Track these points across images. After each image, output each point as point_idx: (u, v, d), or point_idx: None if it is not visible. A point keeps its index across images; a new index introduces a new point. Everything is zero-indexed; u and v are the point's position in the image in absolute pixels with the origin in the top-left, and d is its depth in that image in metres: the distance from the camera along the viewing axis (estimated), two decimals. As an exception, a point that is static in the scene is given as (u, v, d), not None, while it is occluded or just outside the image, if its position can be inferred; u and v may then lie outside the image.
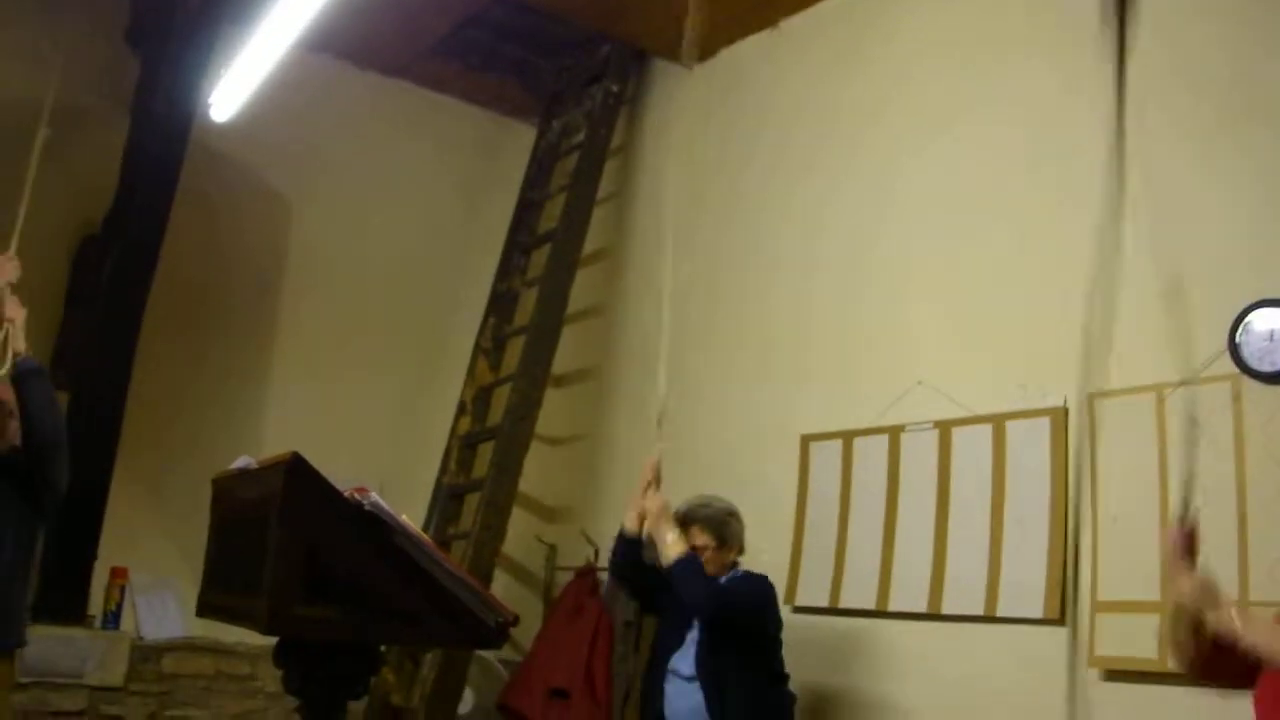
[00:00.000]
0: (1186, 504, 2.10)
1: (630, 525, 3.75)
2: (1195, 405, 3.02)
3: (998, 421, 3.91)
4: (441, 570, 1.98)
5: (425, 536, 2.05)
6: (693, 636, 3.71)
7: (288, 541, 1.90)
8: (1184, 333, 3.35)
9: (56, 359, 5.48)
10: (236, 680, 5.47)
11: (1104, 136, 3.62)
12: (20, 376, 3.49)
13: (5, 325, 3.47)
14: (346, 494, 1.93)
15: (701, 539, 3.74)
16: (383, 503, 1.93)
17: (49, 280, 5.44)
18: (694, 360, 5.18)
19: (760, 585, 3.75)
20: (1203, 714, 3.13)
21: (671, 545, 3.57)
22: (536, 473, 5.56)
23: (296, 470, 1.91)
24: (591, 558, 5.47)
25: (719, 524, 3.78)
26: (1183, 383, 3.29)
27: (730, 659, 3.62)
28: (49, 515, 3.69)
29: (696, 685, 3.64)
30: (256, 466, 2.22)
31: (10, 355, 3.47)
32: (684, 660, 3.71)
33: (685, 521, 3.77)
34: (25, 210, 4.10)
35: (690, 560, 3.57)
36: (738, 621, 3.64)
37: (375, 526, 1.94)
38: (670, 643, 3.81)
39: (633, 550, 3.76)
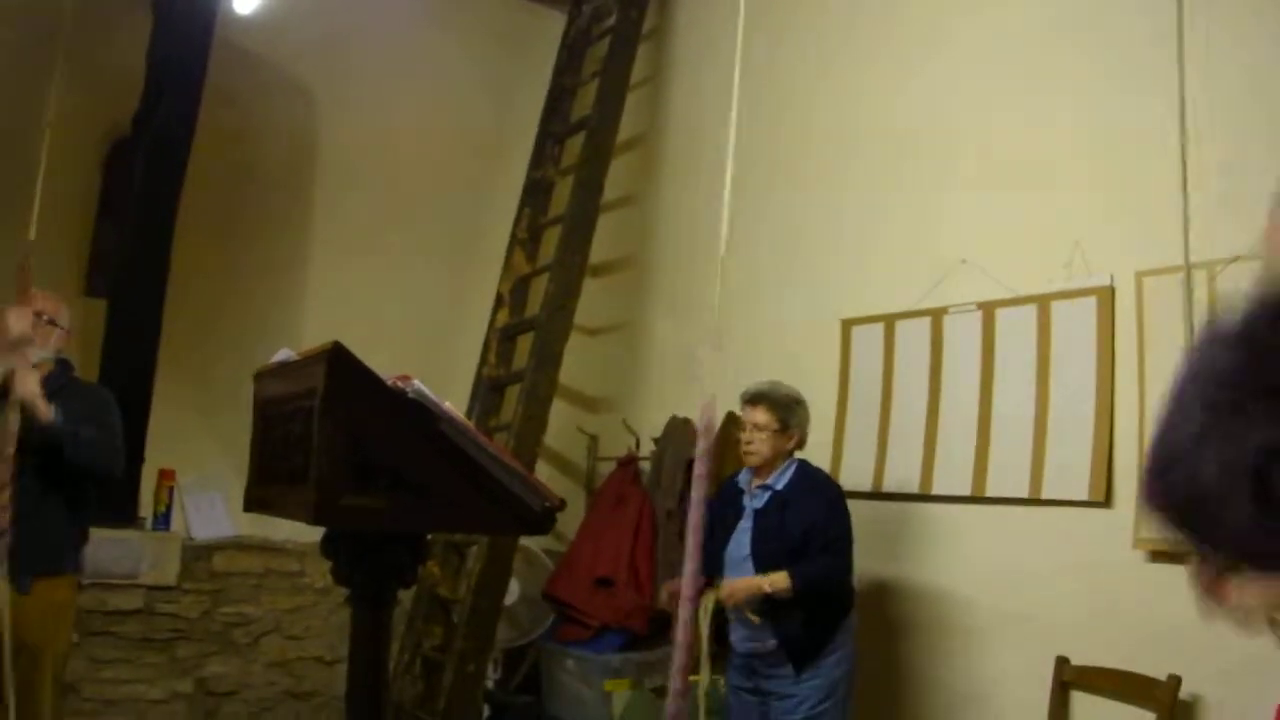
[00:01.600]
0: None
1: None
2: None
3: (1043, 302, 3.84)
4: (487, 456, 1.96)
5: (469, 423, 2.04)
6: (744, 525, 3.72)
7: (332, 432, 1.88)
8: (1239, 207, 3.28)
9: (92, 266, 5.49)
10: (286, 577, 5.56)
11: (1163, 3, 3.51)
12: (53, 439, 3.53)
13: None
14: (389, 382, 1.92)
15: (764, 418, 3.74)
16: (426, 390, 1.91)
17: (81, 185, 5.43)
18: (734, 246, 5.12)
19: (842, 516, 3.73)
20: (1250, 592, 3.11)
21: (776, 586, 3.56)
22: (576, 364, 5.55)
23: (338, 359, 1.89)
24: (633, 447, 5.48)
25: (784, 408, 3.78)
26: (1236, 259, 3.21)
27: (785, 545, 3.64)
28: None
29: (749, 565, 3.67)
30: (297, 359, 2.20)
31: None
32: (737, 544, 3.73)
33: (754, 400, 3.78)
34: (51, 115, 4.03)
35: (796, 579, 3.55)
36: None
37: (419, 414, 1.93)
38: (718, 539, 3.82)
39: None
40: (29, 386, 3.40)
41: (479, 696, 4.65)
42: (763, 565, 3.63)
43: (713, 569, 3.77)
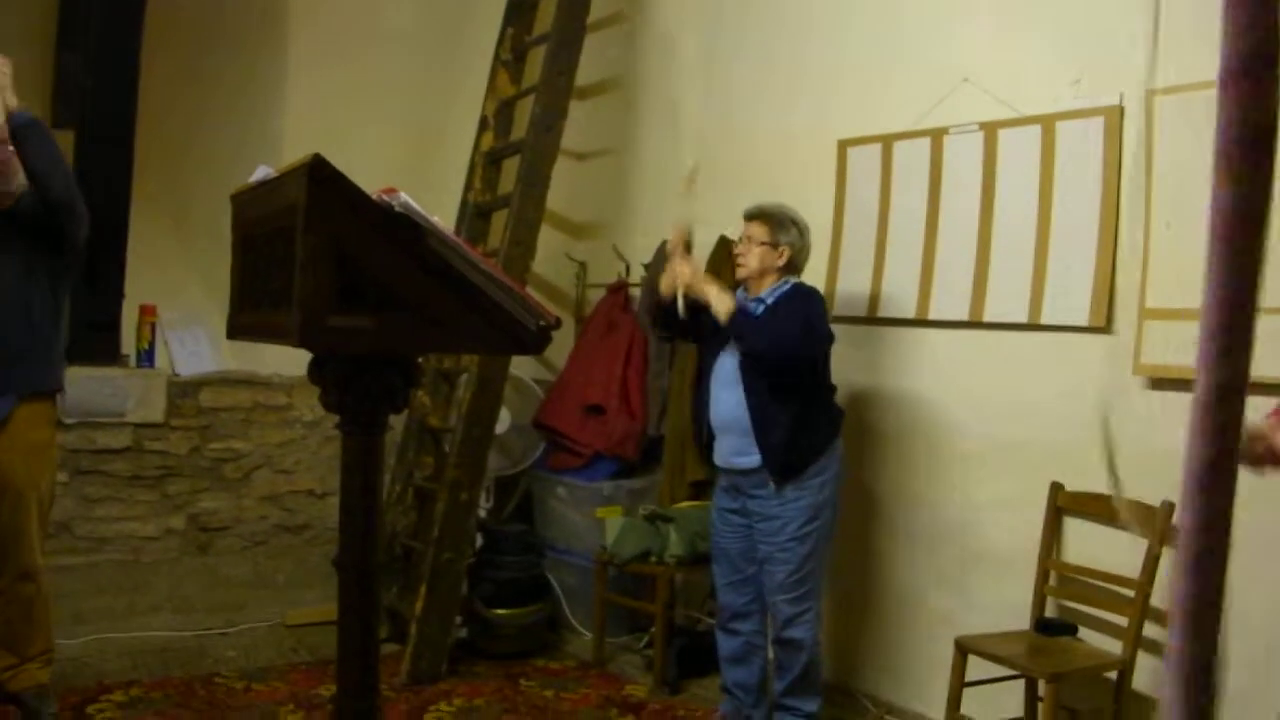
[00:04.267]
0: None
1: (665, 289, 3.72)
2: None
3: (1047, 122, 3.73)
4: (478, 273, 1.87)
5: (460, 239, 1.94)
6: (731, 347, 3.67)
7: (316, 249, 1.78)
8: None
9: (56, 95, 5.24)
10: (274, 411, 5.53)
11: None
12: (16, 133, 3.21)
13: None
14: (374, 196, 1.81)
15: (756, 231, 3.74)
16: (414, 204, 1.80)
17: (36, 8, 5.15)
18: (726, 66, 4.94)
19: (813, 317, 3.67)
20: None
21: (719, 301, 3.58)
22: (564, 189, 5.40)
23: (319, 172, 1.78)
24: (623, 273, 5.42)
25: (777, 224, 3.75)
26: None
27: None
28: (72, 262, 3.61)
29: (737, 386, 3.64)
30: (276, 175, 2.08)
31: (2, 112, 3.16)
32: (725, 365, 3.70)
33: (750, 215, 3.80)
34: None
35: (742, 311, 3.58)
36: (799, 366, 3.63)
37: (407, 229, 1.82)
38: (710, 358, 3.81)
39: (666, 312, 3.75)
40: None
41: (471, 525, 4.67)
42: (749, 378, 3.62)
43: (705, 390, 3.82)
